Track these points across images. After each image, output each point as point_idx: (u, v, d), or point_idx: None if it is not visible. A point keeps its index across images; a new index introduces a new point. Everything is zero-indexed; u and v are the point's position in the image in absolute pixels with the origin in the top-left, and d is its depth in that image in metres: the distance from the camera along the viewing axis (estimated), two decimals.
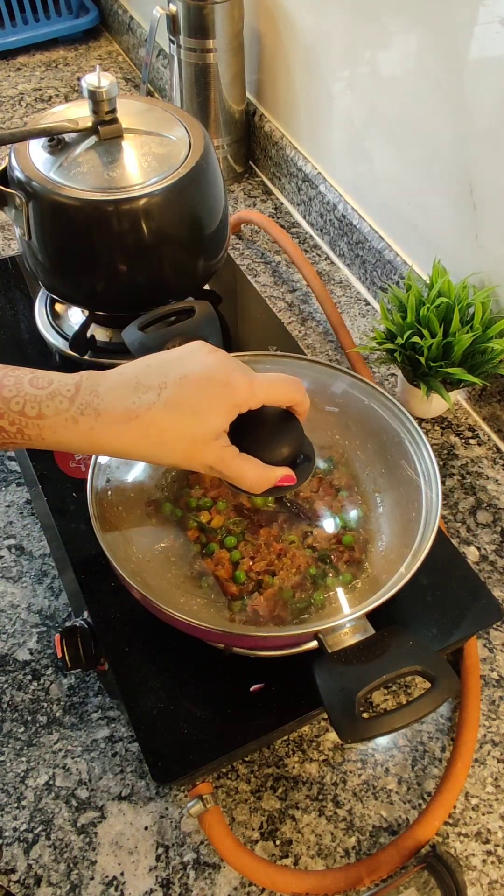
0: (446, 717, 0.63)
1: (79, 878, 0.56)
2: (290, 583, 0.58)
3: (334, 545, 0.57)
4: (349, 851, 0.58)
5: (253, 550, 0.56)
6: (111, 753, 0.62)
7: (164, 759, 0.53)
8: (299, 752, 0.62)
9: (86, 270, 0.68)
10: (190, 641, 0.57)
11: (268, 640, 0.55)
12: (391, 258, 0.89)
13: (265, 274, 1.00)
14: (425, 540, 0.54)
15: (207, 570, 0.59)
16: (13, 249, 1.03)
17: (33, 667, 0.66)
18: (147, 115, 0.70)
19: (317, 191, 1.00)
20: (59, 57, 1.41)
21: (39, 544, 0.74)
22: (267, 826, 0.58)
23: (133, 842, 0.58)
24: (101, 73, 0.64)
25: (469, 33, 0.68)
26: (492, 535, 0.74)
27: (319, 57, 0.92)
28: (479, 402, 0.83)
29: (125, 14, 1.36)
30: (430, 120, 0.77)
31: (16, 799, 0.60)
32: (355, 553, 0.57)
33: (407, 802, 0.60)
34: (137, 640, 0.59)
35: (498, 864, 0.57)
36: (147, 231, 0.65)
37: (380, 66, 0.82)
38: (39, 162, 0.66)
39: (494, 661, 0.66)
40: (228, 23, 0.96)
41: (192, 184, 0.66)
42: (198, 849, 0.57)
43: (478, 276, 0.77)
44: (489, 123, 0.69)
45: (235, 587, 0.57)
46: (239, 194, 1.12)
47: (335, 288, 0.98)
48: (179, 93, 1.05)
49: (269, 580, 0.57)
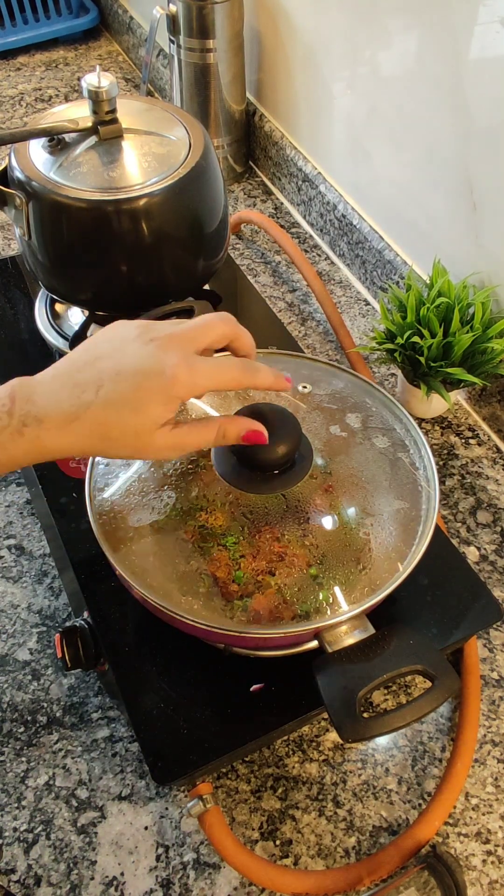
0: (446, 717, 0.63)
1: (79, 878, 0.56)
2: (290, 583, 0.58)
3: (334, 544, 0.57)
4: (349, 851, 0.58)
5: (253, 550, 0.56)
6: (111, 753, 0.62)
7: (164, 759, 0.53)
8: (299, 752, 0.62)
9: (86, 270, 0.68)
10: (190, 641, 0.57)
11: (268, 640, 0.55)
12: (391, 258, 0.89)
13: (265, 274, 1.00)
14: (423, 538, 0.54)
15: (207, 569, 0.59)
16: (13, 249, 1.03)
17: (33, 667, 0.66)
18: (147, 115, 0.70)
19: (317, 191, 1.00)
20: (59, 57, 1.41)
21: (39, 544, 0.74)
22: (267, 826, 0.58)
23: (133, 842, 0.58)
24: (101, 73, 0.64)
25: (469, 33, 0.68)
26: (492, 535, 0.74)
27: (319, 57, 0.92)
28: (479, 402, 0.83)
29: (125, 14, 1.36)
30: (430, 120, 0.77)
31: (16, 799, 0.60)
32: (355, 552, 0.57)
33: (407, 802, 0.60)
34: (137, 640, 0.59)
35: (498, 864, 0.57)
36: (147, 231, 0.65)
37: (380, 66, 0.82)
38: (39, 162, 0.66)
39: (494, 661, 0.66)
40: (228, 23, 0.96)
41: (192, 184, 0.66)
42: (198, 849, 0.57)
43: (478, 276, 0.77)
44: (489, 123, 0.69)
45: (235, 587, 0.57)
46: (239, 194, 1.12)
47: (335, 288, 0.98)
48: (179, 93, 1.05)
49: (269, 580, 0.57)
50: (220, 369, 0.47)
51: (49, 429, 0.45)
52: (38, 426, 0.45)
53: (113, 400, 0.45)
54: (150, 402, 0.45)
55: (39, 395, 0.45)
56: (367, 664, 0.48)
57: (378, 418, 0.62)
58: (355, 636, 0.50)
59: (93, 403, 0.45)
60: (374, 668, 0.48)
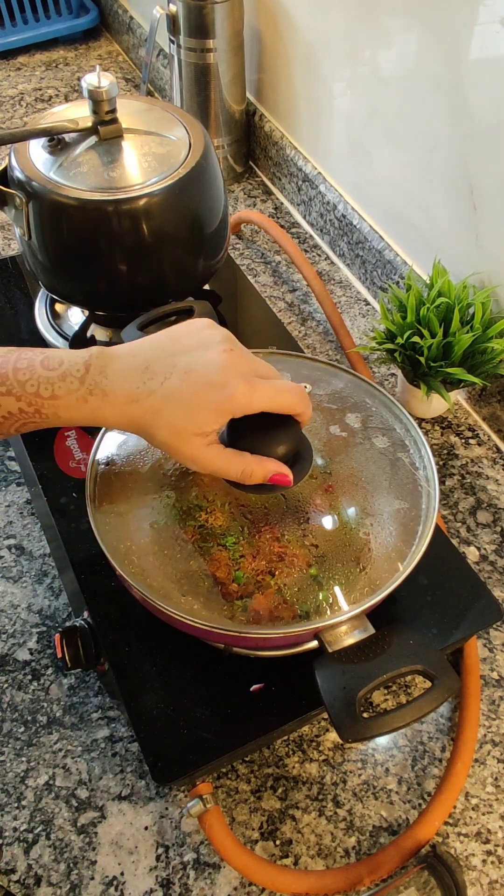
0: (446, 717, 0.63)
1: (79, 878, 0.56)
2: (290, 583, 0.58)
3: (334, 545, 0.57)
4: (349, 851, 0.58)
5: (253, 550, 0.56)
6: (111, 753, 0.62)
7: (164, 759, 0.53)
8: (299, 752, 0.62)
9: (86, 270, 0.68)
10: (190, 641, 0.57)
11: (268, 640, 0.55)
12: (391, 258, 0.89)
13: (265, 274, 1.00)
14: (423, 538, 0.54)
15: (207, 569, 0.59)
16: (13, 249, 1.03)
17: (33, 667, 0.66)
18: (147, 115, 0.70)
19: (317, 191, 1.00)
20: (59, 57, 1.41)
21: (39, 544, 0.74)
22: (267, 826, 0.58)
23: (133, 842, 0.58)
24: (101, 73, 0.64)
25: (469, 33, 0.68)
26: (492, 535, 0.74)
27: (319, 57, 0.92)
28: (479, 402, 0.83)
29: (125, 14, 1.36)
30: (430, 120, 0.77)
31: (16, 799, 0.60)
32: (355, 552, 0.57)
33: (407, 802, 0.60)
34: (137, 640, 0.59)
35: (498, 864, 0.57)
36: (147, 231, 0.65)
37: (380, 66, 0.82)
38: (39, 162, 0.66)
39: (494, 661, 0.66)
40: (228, 23, 0.96)
41: (192, 184, 0.66)
42: (198, 849, 0.57)
43: (478, 276, 0.77)
44: (489, 123, 0.69)
45: (235, 587, 0.57)
46: (239, 194, 1.12)
47: (335, 288, 0.98)
48: (179, 93, 1.05)
49: (269, 580, 0.57)
50: (280, 394, 0.49)
51: (111, 403, 0.48)
52: (103, 398, 0.48)
53: (173, 395, 0.47)
54: (203, 410, 0.47)
55: (112, 370, 0.48)
56: (367, 664, 0.48)
57: (378, 418, 0.62)
58: (355, 636, 0.50)
59: (155, 392, 0.47)
60: (374, 668, 0.48)
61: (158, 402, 0.47)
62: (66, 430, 0.71)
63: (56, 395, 0.47)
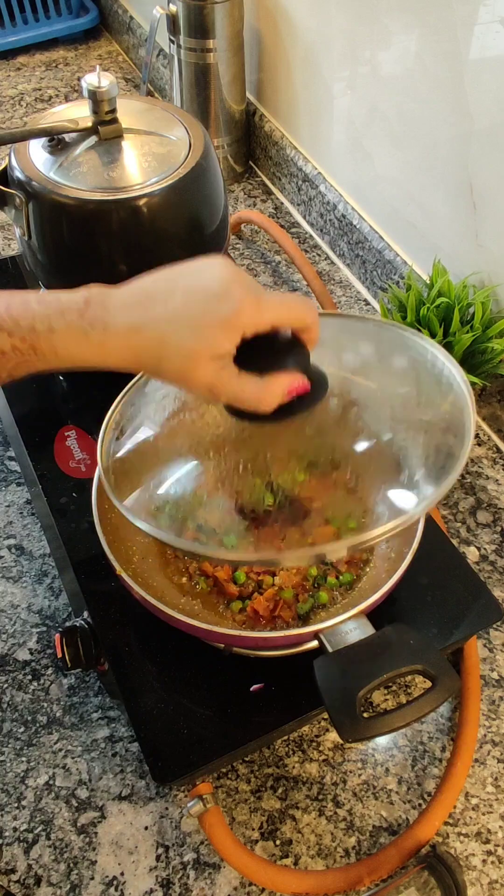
0: (446, 717, 0.63)
1: (79, 878, 0.56)
2: (291, 583, 0.58)
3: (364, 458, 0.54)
4: (349, 851, 0.58)
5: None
6: (111, 753, 0.62)
7: (164, 759, 0.53)
8: (299, 752, 0.62)
9: (86, 270, 0.68)
10: (190, 641, 0.57)
11: (268, 641, 0.55)
12: (391, 258, 0.89)
13: (265, 274, 1.00)
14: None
15: (207, 570, 0.59)
16: (13, 249, 1.03)
17: (33, 667, 0.66)
18: (147, 115, 0.70)
19: (317, 191, 1.00)
20: (59, 57, 1.41)
21: (39, 544, 0.74)
22: (267, 826, 0.58)
23: (133, 842, 0.58)
24: (101, 73, 0.64)
25: (469, 33, 0.68)
26: (492, 535, 0.74)
27: (319, 57, 0.92)
28: (479, 402, 0.83)
29: (125, 14, 1.36)
30: (430, 119, 0.77)
31: (16, 799, 0.60)
32: (356, 553, 0.57)
33: (407, 802, 0.60)
34: (137, 640, 0.59)
35: (498, 864, 0.57)
36: (147, 231, 0.65)
37: (380, 66, 0.82)
38: (39, 162, 0.66)
39: (494, 661, 0.66)
40: (228, 23, 0.96)
41: (192, 184, 0.66)
42: (198, 849, 0.57)
43: (478, 276, 0.77)
44: (489, 123, 0.69)
45: (235, 588, 0.57)
46: (239, 194, 1.12)
47: (335, 288, 0.98)
48: (179, 93, 1.05)
49: (269, 580, 0.57)
50: (289, 306, 0.46)
51: (114, 336, 0.45)
52: (104, 332, 0.45)
53: (177, 316, 0.45)
54: (211, 327, 0.44)
55: (113, 302, 0.45)
56: (367, 664, 0.48)
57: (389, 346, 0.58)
58: (355, 636, 0.50)
59: (158, 317, 0.45)
60: (374, 668, 0.48)
61: (163, 327, 0.45)
62: (66, 429, 0.71)
63: (53, 328, 0.44)
